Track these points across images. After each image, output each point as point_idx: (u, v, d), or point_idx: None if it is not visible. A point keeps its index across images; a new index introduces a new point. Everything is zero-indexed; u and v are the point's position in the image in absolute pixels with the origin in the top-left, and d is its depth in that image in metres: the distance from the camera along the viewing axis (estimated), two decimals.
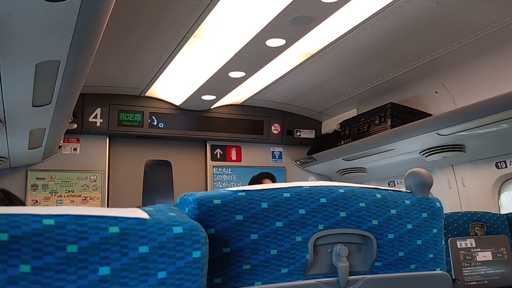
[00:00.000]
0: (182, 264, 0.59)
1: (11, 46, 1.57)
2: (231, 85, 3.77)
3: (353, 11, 2.55)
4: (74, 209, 0.55)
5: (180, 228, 0.61)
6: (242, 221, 0.76)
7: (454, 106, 3.30)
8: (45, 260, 0.50)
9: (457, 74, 3.22)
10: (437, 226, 0.94)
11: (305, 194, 0.83)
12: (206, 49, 3.06)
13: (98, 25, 1.61)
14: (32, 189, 3.88)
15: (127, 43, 3.00)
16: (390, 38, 2.89)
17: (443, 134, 3.01)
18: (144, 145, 4.43)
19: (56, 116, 2.57)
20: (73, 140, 4.10)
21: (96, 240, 0.54)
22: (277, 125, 4.75)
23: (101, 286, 0.53)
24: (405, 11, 2.54)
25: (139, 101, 4.20)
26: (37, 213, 0.53)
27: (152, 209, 0.64)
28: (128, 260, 0.55)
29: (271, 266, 0.77)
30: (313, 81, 3.76)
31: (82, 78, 2.13)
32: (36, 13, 1.37)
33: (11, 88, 1.99)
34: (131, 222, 0.57)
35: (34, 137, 2.96)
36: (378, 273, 0.87)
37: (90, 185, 4.06)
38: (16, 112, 2.36)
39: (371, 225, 0.86)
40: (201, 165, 4.67)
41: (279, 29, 2.68)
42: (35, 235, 0.51)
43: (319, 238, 0.82)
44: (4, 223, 0.50)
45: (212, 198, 0.77)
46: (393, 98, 3.72)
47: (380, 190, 0.92)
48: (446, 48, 2.93)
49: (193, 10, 2.50)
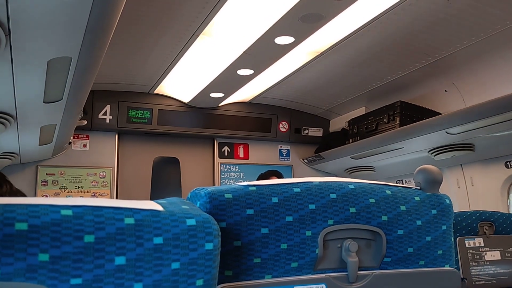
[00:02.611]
0: (195, 256, 0.60)
1: (24, 42, 1.58)
2: (239, 83, 3.78)
3: (363, 9, 2.55)
4: (91, 200, 0.57)
5: (193, 221, 0.62)
6: (253, 215, 0.77)
7: (464, 105, 3.28)
8: (63, 250, 0.52)
9: (467, 72, 3.21)
10: (447, 223, 0.95)
11: (315, 189, 0.84)
12: (215, 47, 3.07)
13: (110, 22, 1.63)
14: (42, 184, 3.92)
15: (136, 41, 3.02)
16: (399, 36, 2.88)
17: (452, 133, 2.99)
18: (152, 142, 4.46)
19: (67, 113, 2.59)
20: (83, 137, 4.14)
21: (113, 231, 0.55)
22: (285, 123, 4.75)
23: (117, 275, 0.54)
24: (415, 8, 2.53)
25: (148, 98, 4.23)
26: (55, 204, 0.54)
27: (166, 202, 0.65)
28: (143, 250, 0.56)
29: (281, 260, 0.78)
30: (321, 79, 3.76)
31: (93, 74, 2.15)
32: (49, 9, 1.38)
33: (23, 84, 2.01)
34: (146, 213, 0.59)
35: (45, 133, 2.99)
36: (387, 268, 0.87)
37: (99, 181, 4.10)
38: (28, 108, 2.38)
39: (380, 221, 0.87)
40: (208, 162, 4.69)
41: (288, 26, 2.68)
42: (54, 225, 0.52)
43: (329, 233, 0.83)
44: (23, 213, 0.51)
45: (223, 192, 0.78)
46: (402, 97, 3.71)
47: (390, 186, 0.93)
48: (456, 46, 2.92)
49: (202, 7, 2.51)
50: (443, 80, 3.40)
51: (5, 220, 0.50)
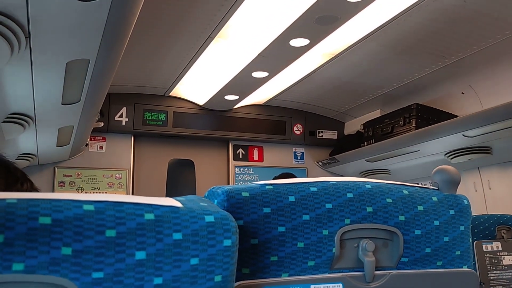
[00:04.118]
0: (213, 252, 0.60)
1: (43, 44, 1.62)
2: (254, 85, 3.79)
3: (378, 10, 2.54)
4: (112, 196, 0.58)
5: (212, 217, 0.62)
6: (270, 214, 0.78)
7: (481, 107, 3.24)
8: (85, 244, 0.53)
9: (484, 74, 3.17)
10: (465, 224, 0.94)
11: (332, 188, 0.84)
12: (230, 49, 3.09)
13: (127, 25, 1.65)
14: (59, 185, 3.98)
15: (152, 43, 3.05)
16: (415, 37, 2.86)
17: (469, 136, 2.96)
18: (167, 144, 4.49)
19: (84, 114, 2.63)
20: (100, 139, 4.19)
21: (133, 226, 0.56)
22: (299, 125, 4.75)
23: (137, 269, 0.55)
24: (431, 10, 2.51)
25: (163, 101, 4.26)
26: (78, 199, 0.55)
27: (184, 199, 0.66)
28: (162, 245, 0.57)
29: (298, 258, 0.78)
30: (336, 81, 3.74)
31: (110, 76, 2.18)
32: (68, 12, 1.41)
33: (42, 86, 2.05)
34: (165, 209, 0.59)
35: (63, 135, 3.03)
36: (405, 268, 0.87)
37: (115, 182, 4.14)
38: (46, 110, 2.42)
39: (398, 221, 0.86)
40: (223, 165, 4.70)
41: (303, 29, 2.68)
42: (76, 220, 0.53)
43: (346, 233, 0.83)
44: (47, 207, 0.52)
45: (240, 190, 0.78)
46: (418, 99, 3.68)
47: (407, 186, 0.92)
48: (473, 48, 2.89)
49: (218, 10, 2.53)
50: (460, 82, 3.37)
51: (30, 214, 0.51)
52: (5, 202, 0.51)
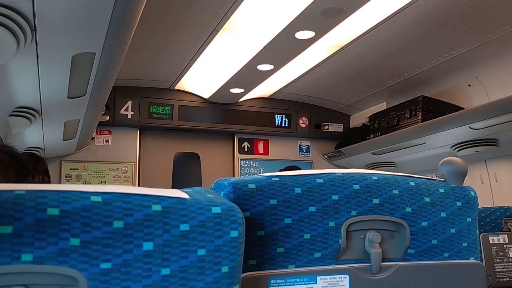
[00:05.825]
0: (220, 243, 0.61)
1: (49, 37, 1.62)
2: (259, 78, 3.78)
3: (384, 2, 2.52)
4: (120, 188, 0.58)
5: (219, 209, 0.62)
6: (276, 205, 0.78)
7: (488, 100, 3.22)
8: (93, 235, 0.53)
9: (491, 66, 3.15)
10: (471, 215, 0.93)
11: (338, 180, 0.84)
12: (235, 42, 3.08)
13: (132, 18, 1.65)
14: (66, 179, 4.01)
15: (157, 37, 3.05)
16: (421, 29, 2.84)
17: (476, 128, 2.94)
18: (173, 137, 4.51)
19: (90, 108, 2.64)
20: (105, 132, 4.20)
21: (140, 217, 0.56)
22: (304, 118, 4.74)
23: (145, 260, 0.55)
24: (438, 1, 2.49)
25: (168, 94, 4.27)
26: (85, 190, 0.55)
27: (191, 191, 0.66)
28: (170, 236, 0.57)
29: (304, 250, 0.79)
30: (341, 74, 3.73)
31: (115, 70, 2.18)
32: (73, 5, 1.41)
33: (48, 80, 2.06)
34: (172, 201, 0.60)
35: (69, 128, 3.05)
36: (411, 260, 0.87)
37: (121, 176, 4.16)
38: (52, 103, 2.43)
39: (404, 212, 0.86)
40: (228, 158, 4.71)
41: (309, 21, 2.67)
42: (84, 211, 0.53)
43: (352, 224, 0.83)
44: (55, 198, 0.53)
45: (246, 182, 0.78)
46: (424, 91, 3.66)
47: (414, 178, 0.92)
48: (480, 40, 2.86)
49: (223, 2, 2.52)
50: (466, 75, 3.34)
51: (38, 206, 0.51)
52: (13, 193, 0.51)
